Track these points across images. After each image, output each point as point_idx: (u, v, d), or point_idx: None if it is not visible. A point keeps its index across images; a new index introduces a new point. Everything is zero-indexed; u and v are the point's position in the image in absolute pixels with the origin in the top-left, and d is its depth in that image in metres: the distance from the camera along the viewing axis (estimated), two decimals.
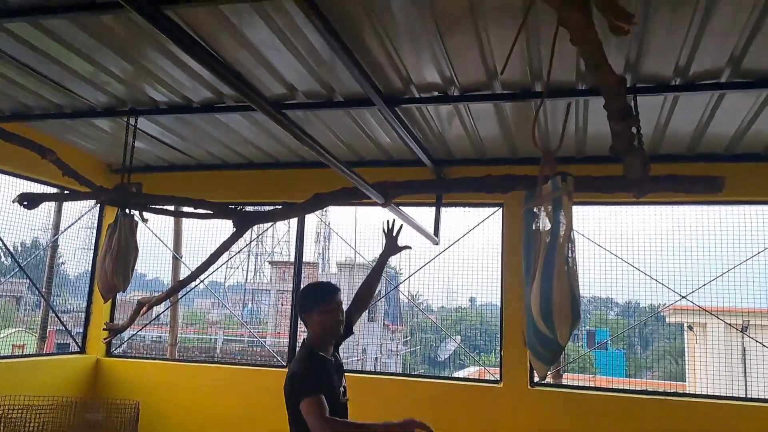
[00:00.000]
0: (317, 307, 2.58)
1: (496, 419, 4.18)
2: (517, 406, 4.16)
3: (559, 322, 1.28)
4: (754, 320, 4.71)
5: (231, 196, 4.84)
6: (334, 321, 2.59)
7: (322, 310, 2.57)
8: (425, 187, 3.57)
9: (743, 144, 3.77)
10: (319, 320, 2.57)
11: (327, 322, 2.57)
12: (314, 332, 2.60)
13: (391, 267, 8.64)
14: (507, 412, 4.17)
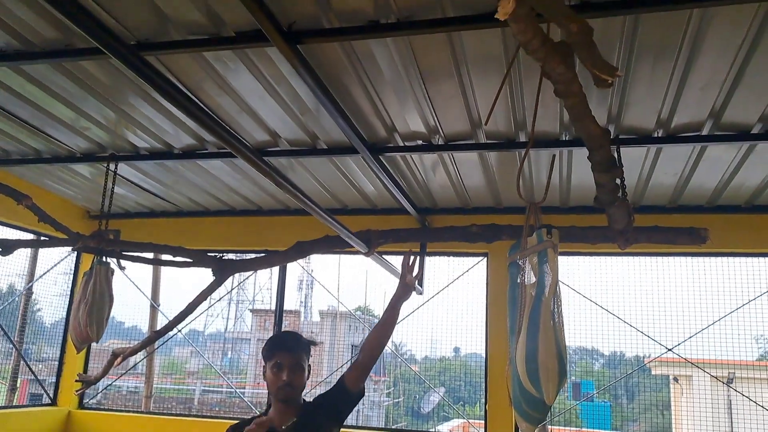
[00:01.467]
0: (266, 363, 2.37)
1: None
2: None
3: (546, 381, 1.23)
4: (740, 372, 4.66)
5: (212, 244, 4.76)
6: (272, 384, 2.30)
7: (268, 368, 2.34)
8: (409, 236, 3.51)
9: (725, 196, 3.81)
10: (267, 380, 2.34)
11: (268, 383, 2.33)
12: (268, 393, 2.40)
13: (375, 315, 8.54)
14: None
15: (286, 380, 2.27)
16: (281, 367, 2.29)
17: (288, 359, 2.31)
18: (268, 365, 2.33)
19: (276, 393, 2.30)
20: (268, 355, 2.36)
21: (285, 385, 2.27)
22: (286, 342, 2.40)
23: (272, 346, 2.37)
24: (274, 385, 2.30)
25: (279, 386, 2.28)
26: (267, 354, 2.36)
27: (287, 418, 2.32)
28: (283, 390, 2.28)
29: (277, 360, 2.31)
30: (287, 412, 2.33)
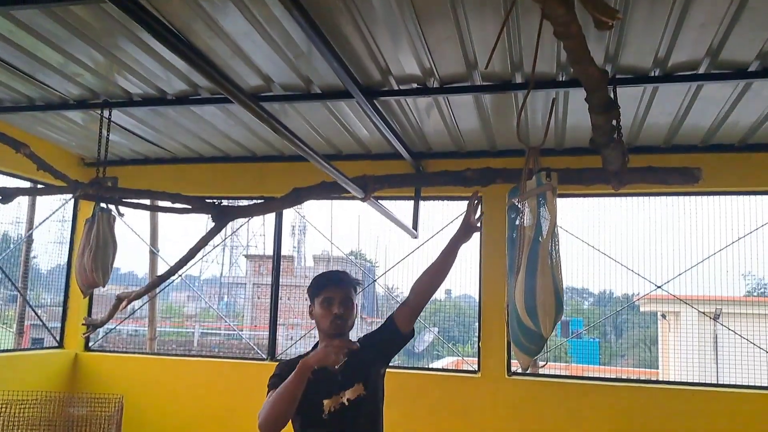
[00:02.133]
0: (313, 301, 2.32)
1: (474, 408, 4.22)
2: (496, 395, 4.20)
3: (543, 316, 1.29)
4: (727, 308, 4.80)
5: (207, 190, 4.78)
6: (323, 319, 2.24)
7: (317, 304, 2.29)
8: (405, 181, 3.54)
9: (719, 135, 3.83)
10: (315, 316, 2.29)
11: (318, 319, 2.27)
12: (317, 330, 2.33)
13: (367, 260, 8.64)
14: (486, 401, 4.21)
15: (337, 312, 2.23)
16: (332, 300, 2.25)
17: (338, 293, 2.26)
18: (317, 301, 2.28)
19: (328, 327, 2.24)
20: (316, 291, 2.31)
21: (337, 317, 2.23)
22: (335, 277, 2.34)
23: (321, 282, 2.32)
24: (325, 320, 2.24)
25: (331, 319, 2.23)
26: (315, 290, 2.31)
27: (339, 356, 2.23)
28: (335, 323, 2.23)
29: (326, 294, 2.26)
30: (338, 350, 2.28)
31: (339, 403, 2.17)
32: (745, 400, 3.89)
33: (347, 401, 2.17)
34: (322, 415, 2.14)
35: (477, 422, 4.19)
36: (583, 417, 4.06)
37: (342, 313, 2.23)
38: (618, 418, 4.01)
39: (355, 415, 2.18)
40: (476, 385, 4.25)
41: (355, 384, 2.20)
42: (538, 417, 4.12)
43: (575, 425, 4.05)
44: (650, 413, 3.97)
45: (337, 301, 2.24)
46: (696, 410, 3.92)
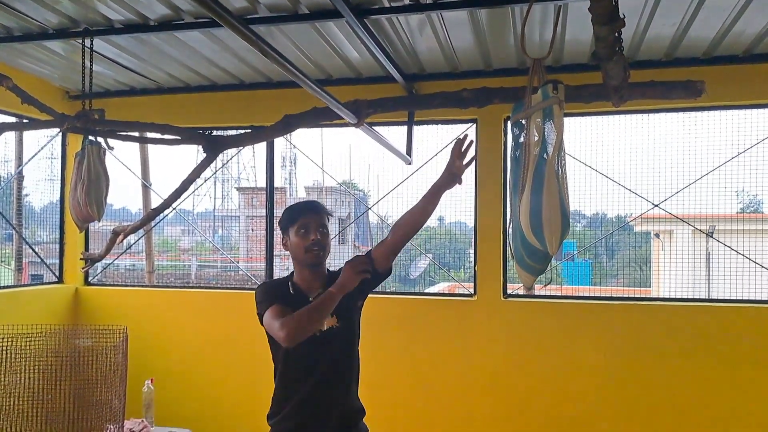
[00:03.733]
0: (287, 231, 2.28)
1: (471, 330, 4.32)
2: (491, 317, 4.29)
3: (549, 234, 1.28)
4: (721, 225, 4.84)
5: (195, 121, 4.68)
6: (299, 248, 2.21)
7: (291, 234, 2.25)
8: (399, 105, 3.46)
9: (723, 46, 3.71)
10: (291, 247, 2.26)
11: (294, 249, 2.24)
12: (292, 261, 2.32)
13: (359, 189, 8.62)
14: (482, 323, 4.30)
15: (315, 239, 2.19)
16: (308, 227, 2.21)
17: (314, 220, 2.23)
18: (292, 231, 2.24)
19: (305, 257, 2.20)
20: (289, 221, 2.26)
21: (314, 243, 2.18)
22: (309, 205, 2.30)
23: (295, 211, 2.27)
24: (300, 249, 2.20)
25: (307, 246, 2.18)
26: (288, 220, 2.27)
27: (314, 287, 2.24)
28: (312, 251, 2.19)
29: (302, 222, 2.22)
30: (314, 280, 2.26)
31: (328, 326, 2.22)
32: (736, 312, 3.99)
33: (318, 332, 2.16)
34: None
35: (473, 344, 4.30)
36: (578, 336, 4.16)
37: (319, 239, 2.21)
38: (612, 336, 4.11)
39: (326, 348, 2.21)
40: (472, 308, 4.33)
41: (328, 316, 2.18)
42: (533, 337, 4.22)
43: (570, 344, 4.16)
44: (644, 329, 4.07)
45: (314, 228, 2.21)
46: (688, 324, 4.02)
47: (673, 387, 4.01)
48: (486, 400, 4.26)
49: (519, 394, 4.21)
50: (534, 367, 4.20)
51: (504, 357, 4.23)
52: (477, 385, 4.27)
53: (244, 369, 4.62)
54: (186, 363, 4.73)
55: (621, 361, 4.07)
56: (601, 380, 4.09)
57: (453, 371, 4.32)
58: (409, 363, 4.38)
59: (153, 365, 4.60)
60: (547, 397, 4.15)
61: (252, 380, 4.60)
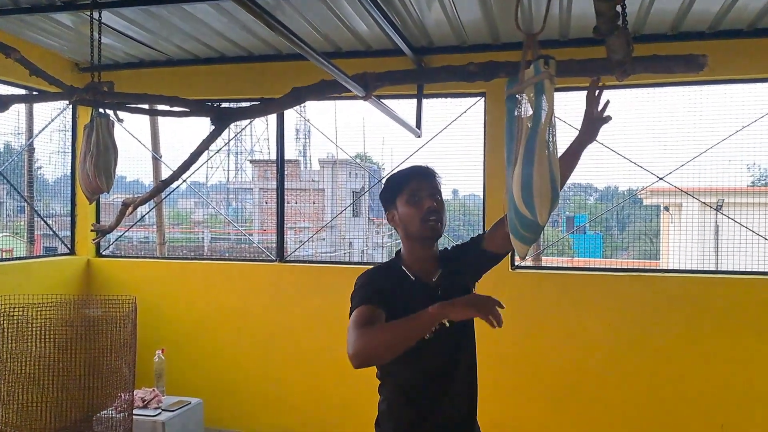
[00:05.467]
0: (393, 204, 1.87)
1: None
2: (500, 288, 4.27)
3: (540, 204, 1.31)
4: (729, 198, 4.82)
5: (204, 93, 4.71)
6: (412, 219, 1.81)
7: (400, 204, 1.85)
8: (407, 77, 3.44)
9: (728, 20, 3.69)
10: (398, 220, 1.86)
11: (406, 221, 1.83)
12: (401, 239, 1.92)
13: (373, 162, 8.64)
14: (490, 294, 4.33)
15: (431, 206, 1.80)
16: (419, 194, 1.82)
17: (426, 184, 1.84)
18: (399, 201, 1.84)
19: (420, 229, 1.81)
20: (395, 190, 1.87)
21: (430, 212, 1.79)
22: (418, 169, 1.90)
23: (400, 178, 1.88)
24: (414, 219, 1.81)
25: (423, 216, 1.79)
26: (394, 189, 1.87)
27: (431, 269, 1.87)
28: (429, 221, 1.79)
29: (411, 188, 1.83)
30: (429, 260, 1.88)
31: (440, 324, 1.69)
32: (743, 284, 4.02)
33: (449, 322, 1.67)
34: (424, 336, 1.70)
35: None
36: (585, 307, 4.21)
37: (436, 207, 1.81)
38: (619, 307, 4.16)
39: (459, 339, 1.84)
40: (481, 280, 4.36)
41: None
42: (541, 308, 4.27)
43: (577, 314, 4.21)
44: (651, 300, 4.11)
45: (427, 194, 1.81)
46: (695, 295, 4.06)
47: (678, 356, 4.06)
48: (493, 370, 4.31)
49: (526, 364, 4.28)
50: (541, 337, 4.26)
51: (512, 327, 4.27)
52: (484, 354, 4.32)
53: (255, 339, 4.72)
54: (197, 333, 4.84)
55: (628, 331, 4.13)
56: (606, 350, 4.15)
57: None
58: None
59: (164, 336, 4.72)
60: (554, 366, 4.22)
61: (264, 350, 4.72)
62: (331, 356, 4.53)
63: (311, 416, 4.60)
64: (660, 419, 4.07)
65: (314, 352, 4.59)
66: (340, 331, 4.52)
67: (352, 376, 4.52)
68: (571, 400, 4.20)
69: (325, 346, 4.54)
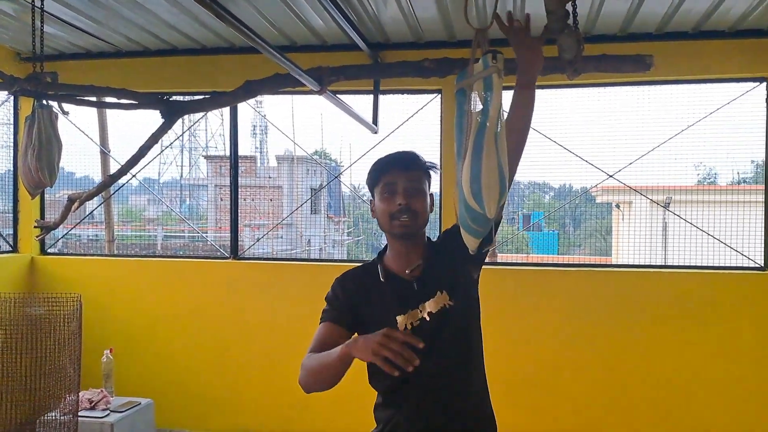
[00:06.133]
0: (373, 193, 1.79)
1: None
2: None
3: (488, 198, 1.31)
4: (676, 196, 4.97)
5: (154, 86, 4.58)
6: (383, 215, 1.73)
7: (376, 196, 1.77)
8: (362, 73, 3.47)
9: (674, 22, 3.81)
10: (376, 213, 1.78)
11: (378, 216, 1.76)
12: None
13: (332, 159, 8.60)
14: None
15: (402, 203, 1.69)
16: (393, 188, 1.71)
17: (402, 177, 1.71)
18: (377, 191, 1.75)
19: (390, 225, 1.72)
20: (374, 179, 1.76)
21: (402, 209, 1.68)
22: (398, 157, 1.77)
23: (379, 166, 1.77)
24: (384, 216, 1.72)
25: (392, 212, 1.70)
26: (373, 178, 1.77)
27: (410, 261, 1.75)
28: (398, 218, 1.69)
29: (387, 180, 1.72)
30: (409, 254, 1.76)
31: (418, 319, 1.69)
32: (689, 278, 4.16)
33: (428, 315, 1.68)
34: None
35: None
36: (541, 301, 4.28)
37: (407, 204, 1.69)
38: (573, 301, 4.24)
39: (439, 332, 1.69)
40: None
41: (437, 293, 1.71)
42: (497, 303, 4.31)
43: (533, 309, 4.28)
44: (603, 294, 4.22)
45: (401, 188, 1.70)
46: (645, 289, 4.18)
47: (628, 347, 4.18)
48: None
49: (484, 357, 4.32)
50: (497, 331, 4.30)
51: None
52: None
53: (209, 338, 4.64)
54: (149, 332, 4.72)
55: (581, 324, 4.22)
56: (561, 342, 4.24)
57: None
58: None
59: (113, 335, 4.59)
60: (510, 359, 4.27)
61: (218, 349, 4.63)
62: (288, 354, 4.46)
63: (268, 416, 4.55)
64: (611, 407, 4.18)
65: (270, 350, 4.54)
66: (296, 328, 4.51)
67: None
68: (527, 391, 4.26)
69: (281, 343, 4.50)
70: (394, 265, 1.78)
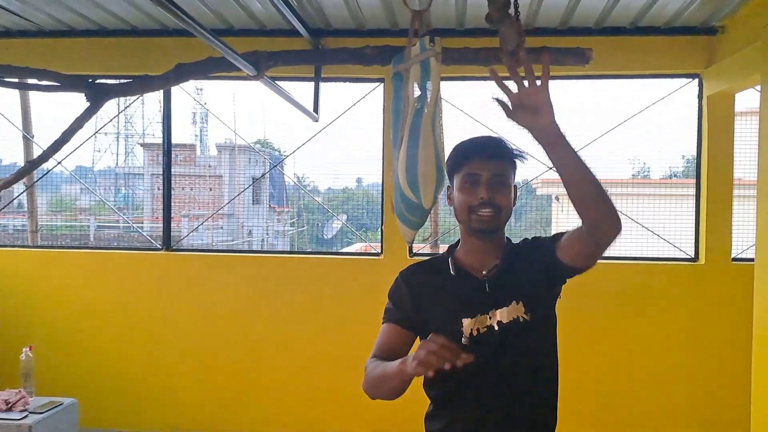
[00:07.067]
0: (452, 180, 1.62)
1: (377, 288, 4.28)
2: (397, 275, 4.31)
3: (424, 187, 1.26)
4: (613, 189, 5.09)
5: (81, 68, 4.30)
6: (462, 207, 1.58)
7: (455, 185, 1.61)
8: (301, 58, 3.36)
9: (611, 18, 3.86)
10: (453, 204, 1.63)
11: (456, 207, 1.61)
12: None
13: (275, 149, 8.43)
14: (388, 281, 4.29)
15: (484, 197, 1.53)
16: (476, 179, 1.55)
17: (487, 169, 1.55)
18: (456, 179, 1.59)
19: (468, 219, 1.57)
20: (454, 167, 1.60)
21: (484, 203, 1.53)
22: (483, 146, 1.61)
23: (461, 153, 1.60)
24: (463, 209, 1.57)
25: (472, 206, 1.55)
26: (453, 165, 1.61)
27: (485, 259, 1.60)
28: (479, 212, 1.54)
29: (468, 169, 1.56)
30: (486, 252, 1.61)
31: (486, 326, 1.53)
32: (626, 269, 4.24)
33: (497, 324, 1.52)
34: (461, 338, 1.52)
35: (380, 302, 4.30)
36: None
37: (492, 198, 1.54)
38: None
39: (508, 347, 1.53)
40: (380, 267, 4.35)
41: (511, 302, 1.54)
42: None
43: None
44: None
45: (485, 180, 1.54)
46: (582, 280, 4.15)
47: (569, 336, 4.18)
48: None
49: None
50: None
51: None
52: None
53: (139, 333, 4.44)
54: (74, 328, 4.47)
55: None
56: None
57: (359, 329, 4.33)
58: (316, 322, 4.36)
59: (34, 332, 4.35)
60: None
61: (148, 344, 4.45)
62: (221, 349, 4.35)
63: (201, 413, 4.40)
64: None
65: (205, 345, 4.39)
66: (234, 323, 4.38)
67: (243, 371, 4.41)
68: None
69: (217, 339, 4.36)
70: (466, 261, 1.62)
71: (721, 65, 3.86)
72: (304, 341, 4.36)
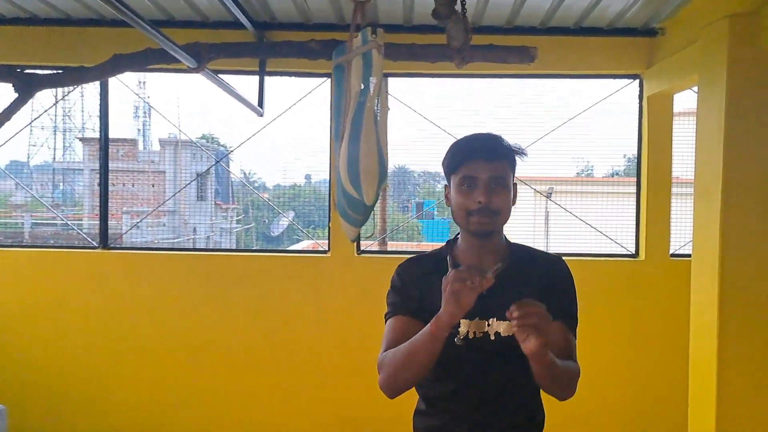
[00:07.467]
0: (449, 179, 1.61)
1: (324, 286, 4.29)
2: (344, 273, 4.28)
3: (366, 183, 1.22)
4: (558, 187, 5.18)
5: (10, 58, 4.08)
6: (459, 210, 1.56)
7: (453, 186, 1.59)
8: (244, 50, 3.27)
9: (556, 18, 3.92)
10: (451, 205, 1.61)
11: (453, 209, 1.59)
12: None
13: (222, 145, 8.24)
14: (335, 279, 4.28)
15: (482, 201, 1.51)
16: (474, 181, 1.52)
17: (485, 170, 1.52)
18: (454, 180, 1.56)
19: (466, 222, 1.55)
20: (451, 167, 1.57)
21: (482, 208, 1.51)
22: (481, 146, 1.56)
23: (457, 152, 1.57)
24: (460, 211, 1.55)
25: (470, 210, 1.53)
26: (450, 165, 1.58)
27: (483, 259, 1.58)
28: (478, 216, 1.52)
29: (466, 170, 1.53)
30: (486, 252, 1.60)
31: (483, 333, 1.50)
32: (570, 265, 4.26)
33: (494, 335, 1.48)
34: (455, 338, 1.49)
35: (327, 300, 4.27)
36: None
37: (490, 202, 1.52)
38: None
39: (501, 357, 1.52)
40: (327, 265, 4.29)
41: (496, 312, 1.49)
42: (381, 290, 4.27)
43: None
44: None
45: (483, 183, 1.52)
46: None
47: None
48: (337, 356, 4.26)
49: (370, 349, 4.26)
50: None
51: (357, 313, 4.23)
52: (329, 341, 4.26)
53: (74, 336, 4.25)
54: (3, 331, 4.25)
55: None
56: None
57: (305, 328, 4.27)
58: (261, 321, 4.27)
59: None
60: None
61: (84, 347, 4.27)
62: (161, 351, 4.21)
63: (140, 417, 4.25)
64: None
65: (142, 347, 4.24)
66: (175, 322, 4.24)
67: (184, 374, 4.28)
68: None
69: (156, 339, 4.22)
70: (465, 259, 1.60)
71: (660, 66, 3.96)
72: (249, 342, 4.27)
